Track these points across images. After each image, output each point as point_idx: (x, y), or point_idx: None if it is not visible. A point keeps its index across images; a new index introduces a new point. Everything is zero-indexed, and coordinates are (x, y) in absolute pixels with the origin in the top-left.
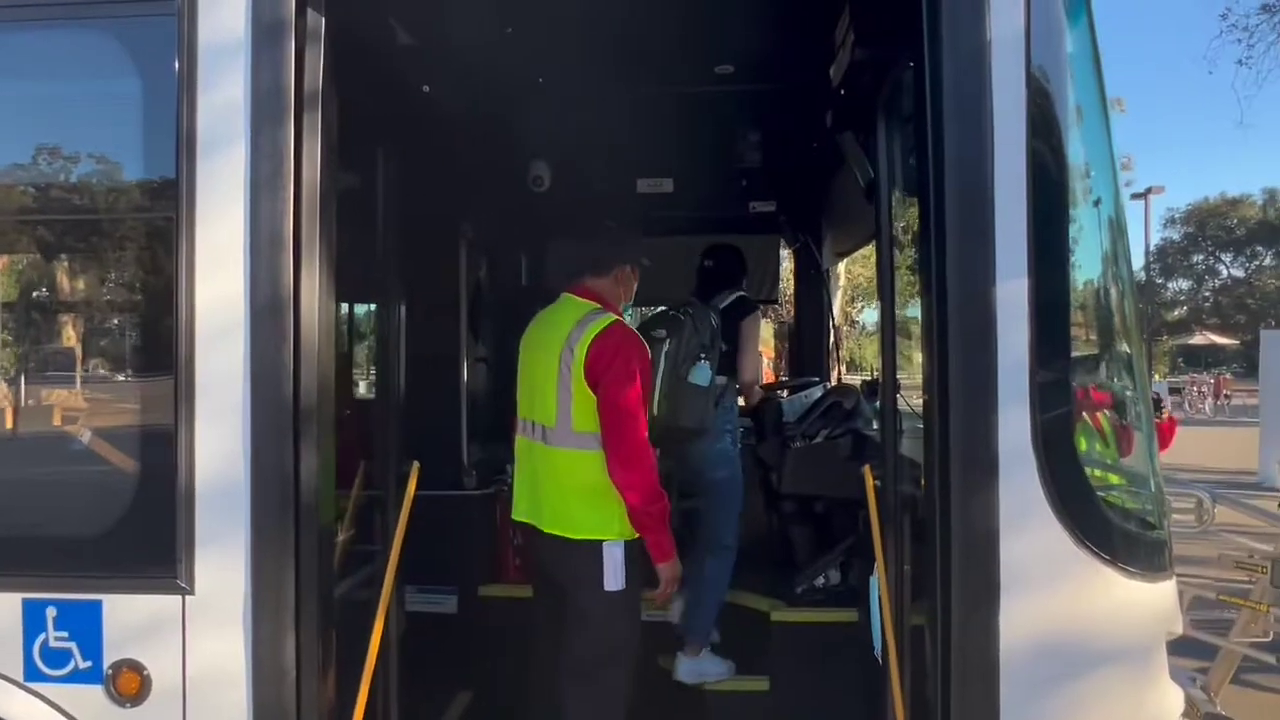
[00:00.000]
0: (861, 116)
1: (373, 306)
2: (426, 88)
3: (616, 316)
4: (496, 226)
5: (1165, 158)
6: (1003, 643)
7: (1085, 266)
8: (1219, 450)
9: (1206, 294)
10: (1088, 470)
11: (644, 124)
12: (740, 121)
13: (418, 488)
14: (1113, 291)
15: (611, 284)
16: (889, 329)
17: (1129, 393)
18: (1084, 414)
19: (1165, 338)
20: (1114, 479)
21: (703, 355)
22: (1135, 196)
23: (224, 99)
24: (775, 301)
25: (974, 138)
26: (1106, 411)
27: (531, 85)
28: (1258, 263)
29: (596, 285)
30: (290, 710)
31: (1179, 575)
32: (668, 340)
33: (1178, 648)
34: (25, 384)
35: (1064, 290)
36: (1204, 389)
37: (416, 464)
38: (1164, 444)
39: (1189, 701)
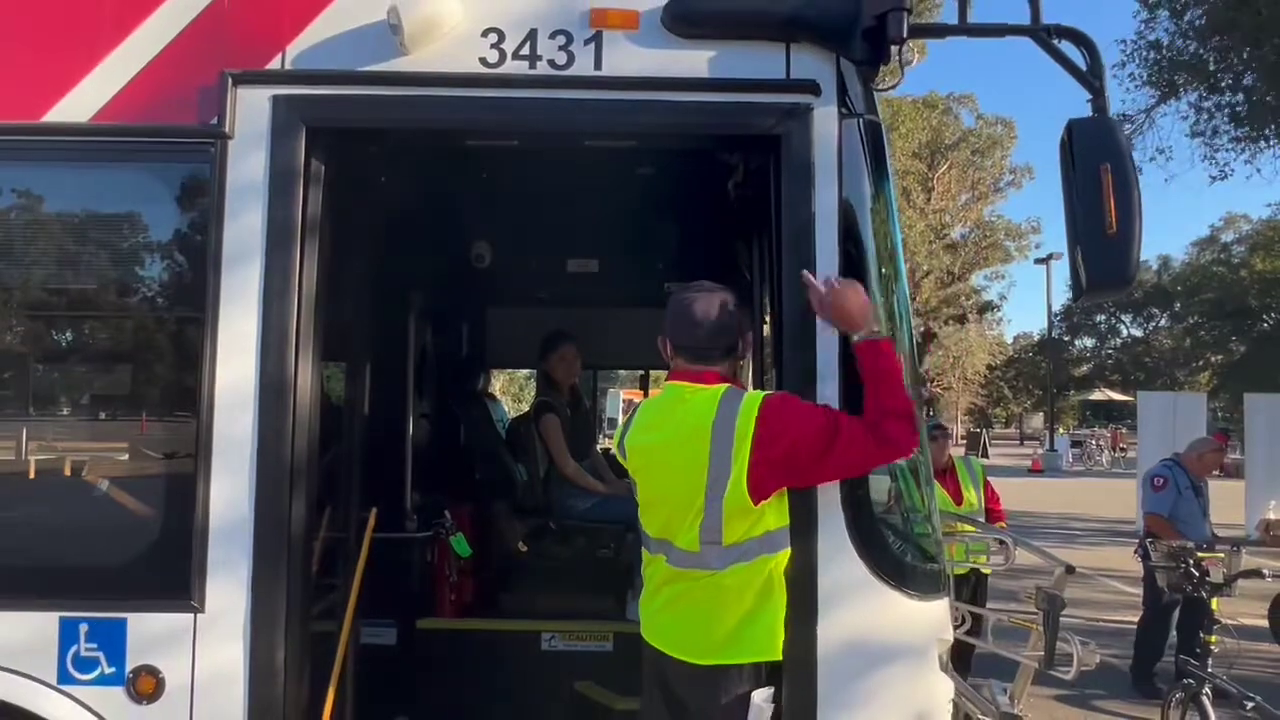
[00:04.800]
0: (747, 223)
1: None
2: (384, 178)
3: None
4: (441, 297)
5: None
6: (820, 647)
7: None
8: (1108, 500)
9: (1109, 351)
10: (883, 520)
11: (574, 213)
12: (658, 214)
13: None
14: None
15: None
16: None
17: (915, 463)
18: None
19: (1071, 392)
20: (909, 524)
21: None
22: (1038, 261)
23: (246, 227)
24: None
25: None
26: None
27: (476, 179)
28: (1154, 324)
29: None
30: (279, 704)
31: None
32: None
33: (1002, 670)
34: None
35: None
36: (1102, 442)
37: (374, 510)
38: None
39: (997, 706)
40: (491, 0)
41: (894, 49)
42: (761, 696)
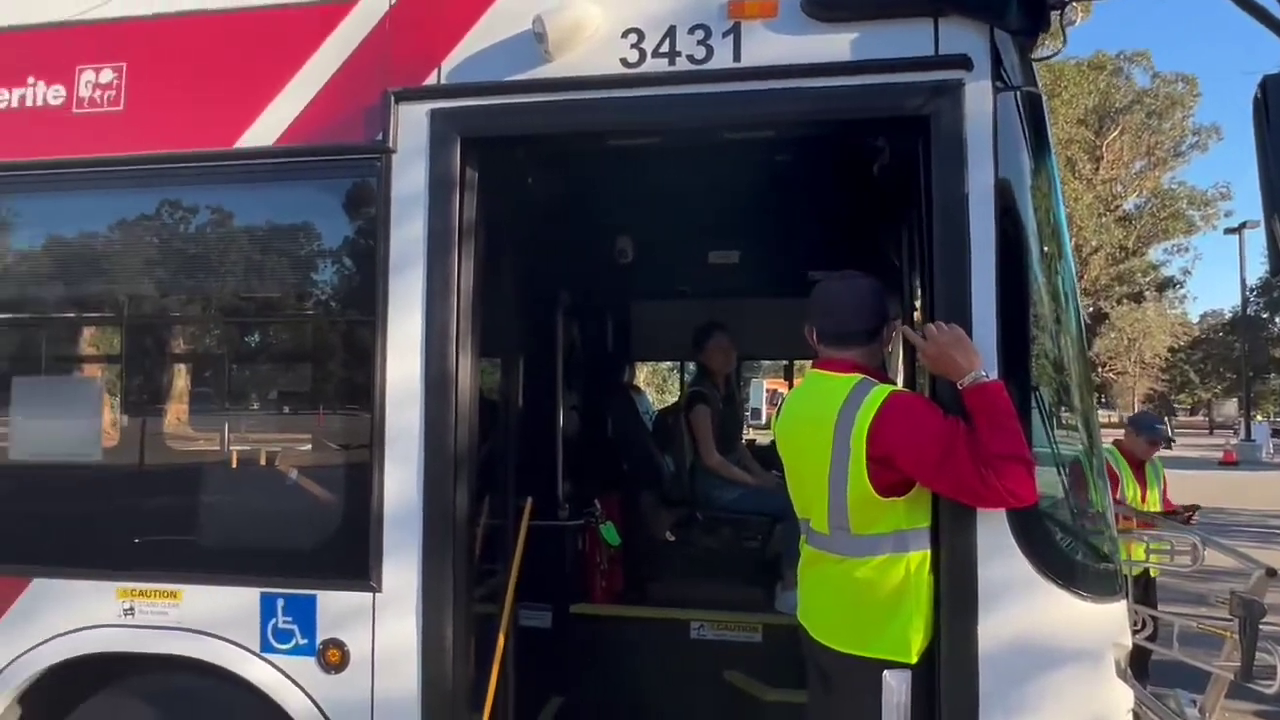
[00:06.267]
0: (894, 208)
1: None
2: (530, 180)
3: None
4: (587, 293)
5: None
6: (980, 646)
7: (1045, 347)
8: None
9: None
10: (1049, 514)
11: (714, 205)
12: (799, 202)
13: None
14: (1069, 362)
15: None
16: None
17: (1085, 456)
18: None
19: (1271, 376)
20: (1079, 521)
21: None
22: (1229, 231)
23: (409, 234)
24: None
25: (957, 259)
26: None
27: (618, 177)
28: None
29: None
30: (449, 679)
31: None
32: None
33: (1186, 679)
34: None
35: (1026, 372)
36: None
37: (530, 499)
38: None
39: (1185, 719)
40: (630, 2)
41: (1054, 14)
42: (894, 676)
